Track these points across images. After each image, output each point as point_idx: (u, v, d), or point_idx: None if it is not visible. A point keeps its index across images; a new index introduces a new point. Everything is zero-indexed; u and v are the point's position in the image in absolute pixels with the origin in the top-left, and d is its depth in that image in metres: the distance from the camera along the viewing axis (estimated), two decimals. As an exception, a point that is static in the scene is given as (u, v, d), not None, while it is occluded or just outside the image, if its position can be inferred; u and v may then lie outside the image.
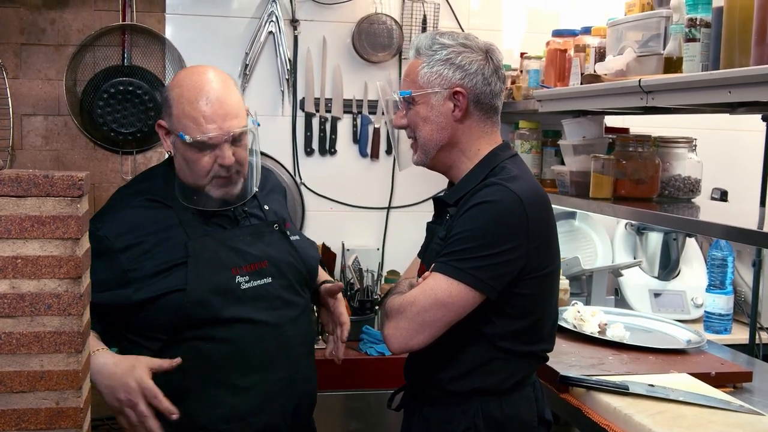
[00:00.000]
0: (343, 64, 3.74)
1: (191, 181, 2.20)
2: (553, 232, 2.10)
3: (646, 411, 2.25)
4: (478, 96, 2.09)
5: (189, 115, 2.12)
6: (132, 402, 1.95)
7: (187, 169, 2.18)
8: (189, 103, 2.12)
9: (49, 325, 1.46)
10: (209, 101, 2.12)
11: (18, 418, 1.46)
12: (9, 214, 1.43)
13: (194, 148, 2.13)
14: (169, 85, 2.21)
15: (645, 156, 2.92)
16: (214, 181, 2.18)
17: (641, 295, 3.72)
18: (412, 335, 2.00)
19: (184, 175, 2.21)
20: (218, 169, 2.16)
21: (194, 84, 2.15)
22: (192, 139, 2.11)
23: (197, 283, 2.10)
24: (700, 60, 2.26)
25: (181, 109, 2.13)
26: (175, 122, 2.15)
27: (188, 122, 2.12)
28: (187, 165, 2.18)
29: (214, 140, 2.12)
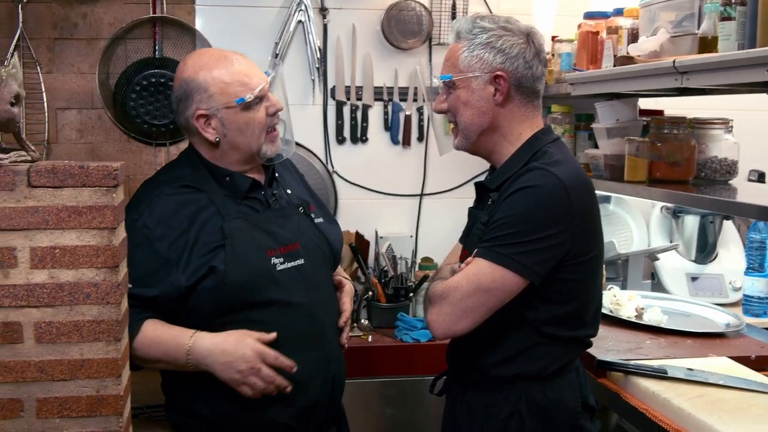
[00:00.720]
0: (373, 51, 3.73)
1: (251, 147, 2.21)
2: (596, 217, 2.09)
3: (685, 395, 2.23)
4: (519, 80, 2.07)
5: (234, 81, 2.17)
6: (254, 369, 2.07)
7: (243, 138, 2.20)
8: (225, 72, 2.17)
9: (88, 314, 1.47)
10: (239, 62, 2.21)
11: (60, 405, 1.48)
12: (46, 204, 1.44)
13: (249, 108, 2.18)
14: (188, 77, 2.20)
15: (680, 138, 2.88)
16: (268, 136, 2.23)
17: (678, 279, 3.68)
18: (455, 321, 2.00)
19: (242, 147, 2.21)
20: (269, 120, 2.22)
21: (216, 57, 2.22)
22: (251, 95, 2.16)
23: (235, 266, 2.11)
24: (735, 39, 2.22)
25: (221, 80, 2.16)
26: (221, 97, 2.16)
27: (236, 87, 2.17)
28: (242, 133, 2.19)
29: (263, 91, 2.20)
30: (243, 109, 2.17)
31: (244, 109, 2.17)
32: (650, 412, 2.25)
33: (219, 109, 2.17)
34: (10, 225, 1.43)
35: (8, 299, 1.45)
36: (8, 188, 1.43)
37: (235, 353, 2.05)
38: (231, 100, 2.15)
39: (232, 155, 2.23)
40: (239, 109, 2.16)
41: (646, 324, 2.91)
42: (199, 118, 2.19)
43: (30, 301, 1.45)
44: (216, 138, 2.20)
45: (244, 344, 2.07)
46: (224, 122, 2.18)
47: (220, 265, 2.10)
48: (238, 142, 2.20)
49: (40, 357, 1.47)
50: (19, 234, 1.44)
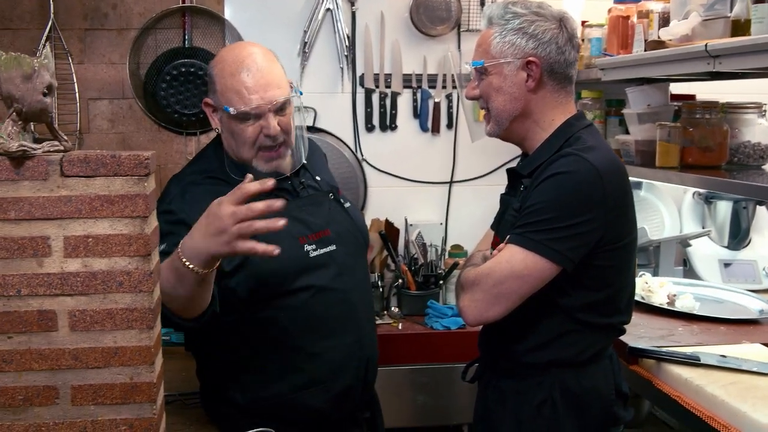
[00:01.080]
0: (402, 38, 3.72)
1: (239, 156, 2.21)
2: (630, 203, 2.07)
3: (718, 382, 2.22)
4: (551, 65, 2.06)
5: (232, 87, 2.14)
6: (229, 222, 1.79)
7: (234, 143, 2.20)
8: (231, 77, 2.15)
9: (121, 302, 1.49)
10: (250, 73, 2.15)
11: (94, 392, 1.50)
12: (79, 194, 1.45)
13: (239, 119, 2.15)
14: (212, 63, 2.24)
15: (712, 123, 2.85)
16: (260, 153, 2.19)
17: (711, 266, 3.64)
18: (487, 307, 2.00)
19: (232, 150, 2.23)
20: (263, 139, 2.17)
21: (235, 58, 2.18)
22: (236, 110, 2.13)
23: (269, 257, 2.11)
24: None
25: (224, 83, 2.16)
26: (220, 97, 2.17)
27: (232, 95, 2.14)
28: (233, 139, 2.20)
29: (258, 110, 2.14)
30: (231, 117, 2.16)
31: (232, 118, 2.16)
32: (683, 399, 2.24)
33: (219, 106, 2.19)
34: (44, 214, 1.45)
35: (43, 288, 1.46)
36: (42, 178, 1.44)
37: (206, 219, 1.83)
38: (223, 104, 2.17)
39: (232, 153, 2.24)
40: (229, 117, 2.16)
41: (679, 311, 2.89)
42: (206, 105, 2.24)
43: (64, 290, 1.47)
44: (217, 129, 2.24)
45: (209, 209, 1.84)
46: (222, 119, 2.21)
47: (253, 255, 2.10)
48: (230, 144, 2.23)
49: (74, 345, 1.48)
50: (52, 223, 1.45)
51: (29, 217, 1.45)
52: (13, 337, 1.47)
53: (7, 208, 1.44)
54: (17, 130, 1.45)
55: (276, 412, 2.17)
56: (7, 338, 1.47)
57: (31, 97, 1.44)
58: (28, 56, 1.44)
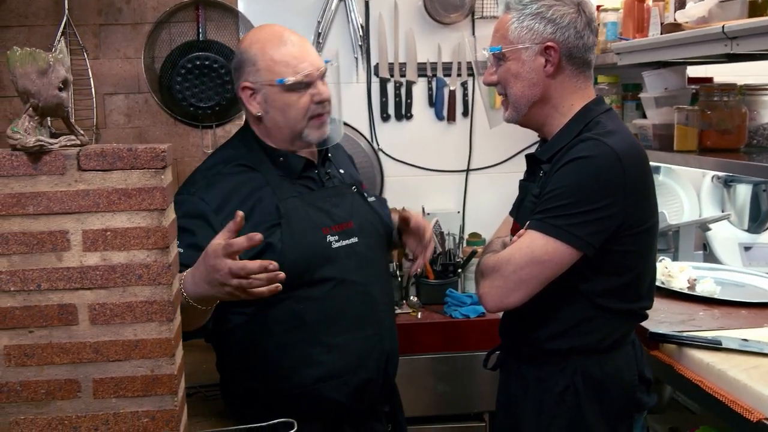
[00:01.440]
0: (416, 27, 3.71)
1: (290, 130, 2.20)
2: (650, 187, 2.06)
3: (740, 366, 2.20)
4: (570, 50, 2.04)
5: (281, 60, 2.16)
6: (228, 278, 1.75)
7: (284, 118, 2.19)
8: (276, 50, 2.17)
9: (140, 295, 1.49)
10: (294, 44, 2.19)
11: (116, 385, 1.51)
12: (97, 187, 1.46)
13: (292, 90, 2.16)
14: (243, 47, 2.23)
15: (731, 105, 2.82)
16: (311, 122, 2.20)
17: (731, 249, 3.62)
18: (507, 293, 1.99)
19: (281, 127, 2.21)
20: (314, 107, 2.19)
21: (273, 34, 2.21)
22: (292, 79, 2.15)
23: (292, 244, 2.12)
24: (787, 1, 2.18)
25: (270, 57, 2.16)
26: (266, 73, 2.17)
27: (281, 67, 2.15)
28: (283, 113, 2.19)
29: (310, 77, 2.17)
30: (285, 90, 2.16)
31: (286, 90, 2.16)
32: (705, 383, 2.22)
33: (263, 85, 2.17)
34: (62, 209, 1.45)
35: (62, 282, 1.47)
36: (59, 172, 1.45)
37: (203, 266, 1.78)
38: (274, 78, 2.16)
39: (276, 133, 2.23)
40: (281, 90, 2.16)
41: (699, 295, 2.87)
42: (245, 89, 2.21)
43: (84, 284, 1.47)
44: (259, 113, 2.21)
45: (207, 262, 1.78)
46: (267, 99, 2.19)
47: (276, 243, 2.11)
48: (278, 120, 2.20)
49: (95, 338, 1.49)
50: (71, 217, 1.46)
51: (48, 212, 1.46)
52: (34, 331, 1.48)
53: (25, 203, 1.45)
54: (34, 125, 1.46)
55: (296, 404, 2.17)
56: (29, 332, 1.48)
57: (47, 92, 1.45)
58: (44, 51, 1.45)
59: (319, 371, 2.18)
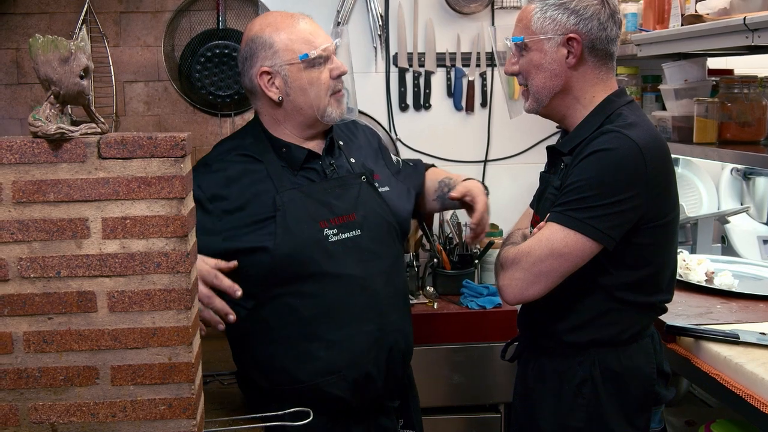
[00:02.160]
0: (435, 17, 3.70)
1: (315, 107, 2.19)
2: (672, 180, 2.05)
3: (758, 360, 2.19)
4: (593, 42, 2.03)
5: (299, 38, 2.17)
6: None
7: (305, 97, 2.18)
8: (291, 30, 2.17)
9: (159, 283, 1.50)
10: (307, 22, 2.21)
11: (133, 373, 1.52)
12: (116, 176, 1.47)
13: (312, 66, 2.17)
14: (254, 34, 2.20)
15: (751, 97, 2.81)
16: (332, 97, 2.21)
17: (749, 242, 3.60)
18: (527, 286, 1.99)
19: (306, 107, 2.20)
20: (333, 83, 2.21)
21: (281, 17, 2.21)
22: (315, 52, 2.16)
23: (285, 238, 2.11)
24: (810, -7, 2.16)
25: (287, 38, 2.16)
26: (285, 54, 2.16)
27: (301, 45, 2.16)
28: (304, 92, 2.18)
29: (328, 51, 2.19)
30: (306, 67, 2.16)
31: (307, 67, 2.16)
32: (722, 377, 2.22)
33: (283, 66, 2.16)
34: (82, 196, 1.46)
35: (82, 269, 1.48)
36: (80, 160, 1.46)
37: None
38: (295, 56, 2.15)
39: (295, 117, 2.21)
40: (303, 67, 2.16)
41: (717, 288, 2.86)
42: (262, 75, 2.18)
43: (103, 271, 1.49)
44: (279, 97, 2.19)
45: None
46: (287, 80, 2.17)
47: (270, 236, 2.11)
48: (300, 102, 2.19)
49: (113, 326, 1.50)
50: (91, 205, 1.47)
51: (68, 199, 1.47)
52: (54, 318, 1.50)
53: (46, 191, 1.46)
54: (55, 113, 1.47)
55: (298, 398, 2.16)
56: (48, 319, 1.49)
57: (69, 80, 1.46)
58: (65, 39, 1.45)
59: (317, 366, 2.17)
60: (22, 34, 3.43)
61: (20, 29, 3.42)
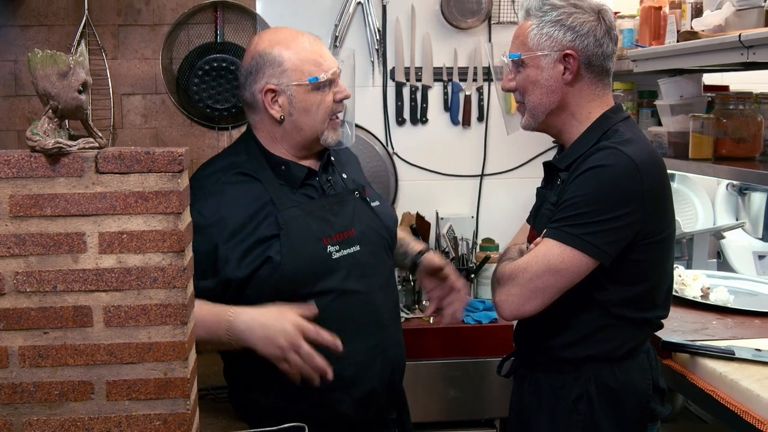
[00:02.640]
0: (432, 31, 3.71)
1: (313, 131, 2.19)
2: (668, 197, 2.06)
3: (753, 376, 2.19)
4: (589, 58, 2.04)
5: (308, 59, 2.15)
6: (295, 344, 1.98)
7: (307, 119, 2.18)
8: (301, 50, 2.16)
9: (155, 298, 1.50)
10: (314, 43, 2.20)
11: (129, 388, 1.51)
12: (114, 190, 1.47)
13: (317, 89, 2.16)
14: (263, 49, 2.17)
15: (746, 114, 2.82)
16: (330, 122, 2.21)
17: (745, 258, 3.61)
18: (524, 302, 1.99)
19: (305, 129, 2.19)
20: (335, 106, 2.20)
21: (290, 35, 2.20)
22: (325, 76, 2.15)
23: (291, 256, 2.10)
24: (805, 11, 2.17)
25: (297, 58, 2.15)
26: (293, 74, 2.14)
27: (310, 66, 2.15)
28: (308, 114, 2.17)
29: (336, 74, 2.19)
30: (313, 89, 2.15)
31: (313, 89, 2.16)
32: (717, 393, 2.22)
33: (289, 86, 2.15)
34: (79, 211, 1.46)
35: (78, 284, 1.48)
36: (77, 174, 1.46)
37: (275, 327, 2.00)
38: (303, 78, 2.14)
39: (293, 137, 2.20)
40: (309, 89, 2.15)
41: (712, 304, 2.86)
42: (267, 92, 2.16)
43: (99, 286, 1.48)
44: (281, 116, 2.17)
45: (284, 318, 2.01)
46: (292, 100, 2.16)
47: (275, 255, 2.09)
48: (302, 122, 2.18)
49: (109, 340, 1.50)
50: (87, 219, 1.47)
51: (65, 214, 1.47)
52: (49, 332, 1.49)
53: (43, 205, 1.46)
54: (53, 127, 1.47)
55: (300, 414, 2.16)
56: (43, 333, 1.49)
57: (67, 95, 1.46)
58: (64, 54, 1.46)
59: (323, 382, 2.16)
60: (20, 46, 3.44)
61: (18, 41, 3.44)
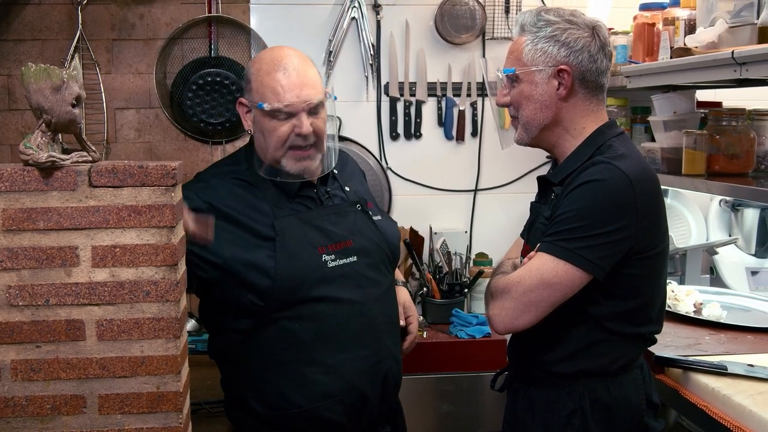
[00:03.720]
0: (426, 47, 3.72)
1: (269, 155, 2.21)
2: (662, 212, 2.06)
3: (745, 392, 2.20)
4: (583, 74, 2.05)
5: (268, 85, 2.17)
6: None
7: (265, 142, 2.21)
8: (267, 75, 2.18)
9: (148, 312, 1.50)
10: (287, 71, 2.18)
11: (121, 402, 1.51)
12: (107, 204, 1.47)
13: (272, 117, 2.17)
14: (250, 64, 2.27)
15: (739, 130, 2.83)
16: (290, 152, 2.19)
17: (738, 274, 3.61)
18: (517, 315, 1.99)
19: (263, 150, 2.23)
20: (294, 138, 2.18)
21: (273, 58, 2.21)
22: (270, 106, 2.15)
23: (286, 262, 2.12)
24: (797, 28, 2.18)
25: (260, 80, 2.18)
26: (254, 95, 2.19)
27: (267, 92, 2.17)
28: (264, 137, 2.20)
29: (292, 108, 2.16)
30: (265, 115, 2.18)
31: (267, 115, 2.17)
32: (710, 408, 2.22)
33: (252, 105, 2.20)
34: (72, 224, 1.47)
35: (71, 297, 1.48)
36: (70, 188, 1.46)
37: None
38: (256, 101, 2.18)
39: (262, 154, 2.24)
40: (262, 114, 2.18)
41: (705, 319, 2.86)
42: (240, 105, 2.26)
43: (92, 299, 1.48)
44: (250, 130, 2.26)
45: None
46: (255, 120, 2.23)
47: (270, 260, 2.12)
48: (260, 143, 2.24)
49: (101, 354, 1.50)
50: (80, 233, 1.47)
51: (58, 227, 1.47)
52: (42, 346, 1.49)
53: (36, 218, 1.46)
54: (46, 141, 1.47)
55: (295, 423, 2.16)
56: (36, 347, 1.49)
57: (60, 109, 1.46)
58: (58, 68, 1.46)
59: (315, 391, 2.17)
60: (13, 60, 3.44)
61: (12, 55, 3.44)
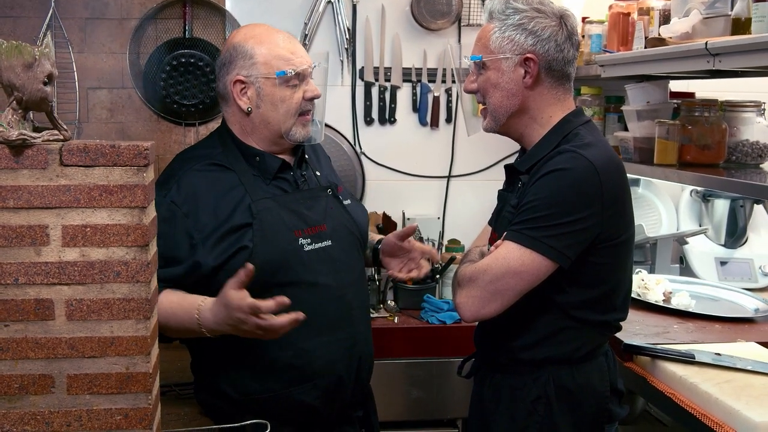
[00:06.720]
0: (402, 32, 3.72)
1: (282, 126, 2.20)
2: (627, 200, 2.07)
3: (712, 380, 2.22)
4: (549, 63, 2.05)
5: (278, 54, 2.18)
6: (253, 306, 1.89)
7: (275, 113, 2.19)
8: (274, 45, 2.19)
9: (118, 292, 1.49)
10: (289, 40, 2.24)
11: (90, 382, 1.50)
12: (78, 183, 1.45)
13: (286, 84, 2.18)
14: (237, 42, 2.22)
15: (711, 121, 2.86)
16: (299, 118, 2.22)
17: (707, 264, 3.65)
18: (484, 304, 2.00)
19: (270, 124, 2.21)
20: (304, 104, 2.22)
21: (266, 31, 2.24)
22: (292, 71, 2.17)
23: (264, 244, 2.12)
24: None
25: (267, 52, 2.18)
26: (262, 67, 2.17)
27: (279, 61, 2.18)
28: (275, 108, 2.19)
29: (307, 72, 2.21)
30: (281, 84, 2.17)
31: (281, 84, 2.18)
32: (677, 396, 2.25)
33: (258, 78, 2.18)
34: (42, 203, 1.45)
35: (40, 276, 1.47)
36: (41, 167, 1.45)
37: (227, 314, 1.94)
38: (272, 71, 2.17)
39: (261, 130, 2.22)
40: (277, 83, 2.17)
41: (674, 308, 2.90)
42: (236, 83, 2.20)
43: (61, 279, 1.47)
44: (248, 108, 2.20)
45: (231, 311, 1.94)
46: (260, 93, 2.19)
47: (248, 243, 2.11)
48: (269, 116, 2.20)
49: (71, 334, 1.49)
50: (51, 212, 1.46)
51: (28, 206, 1.45)
52: (10, 325, 1.48)
53: (5, 197, 1.44)
54: (17, 119, 1.45)
55: (268, 407, 2.16)
56: (4, 326, 1.47)
57: (32, 86, 1.44)
58: (30, 45, 1.44)
59: (291, 375, 2.17)
60: (-16, 37, 3.39)
61: (-17, 32, 3.39)
